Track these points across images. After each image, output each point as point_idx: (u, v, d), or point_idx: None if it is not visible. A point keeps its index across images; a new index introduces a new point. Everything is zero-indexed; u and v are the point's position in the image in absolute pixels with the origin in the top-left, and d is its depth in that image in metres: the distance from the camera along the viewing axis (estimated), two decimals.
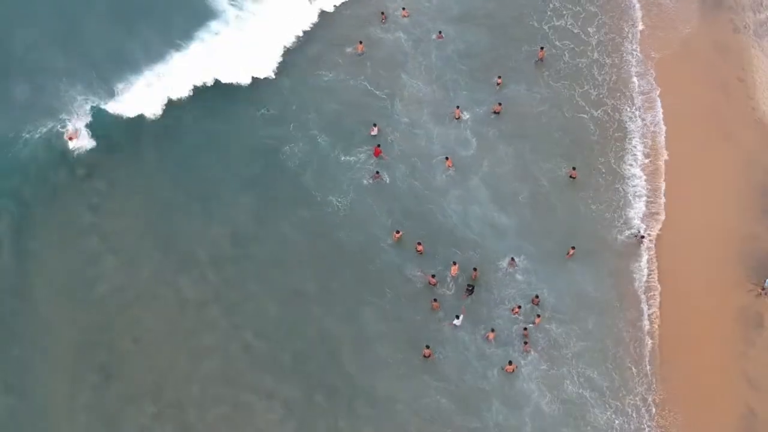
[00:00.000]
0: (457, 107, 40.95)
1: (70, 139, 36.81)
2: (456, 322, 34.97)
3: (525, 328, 35.19)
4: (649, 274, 37.35)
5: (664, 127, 41.49)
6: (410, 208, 38.33)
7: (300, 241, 37.05)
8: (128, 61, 40.52)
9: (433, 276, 35.87)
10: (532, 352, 34.84)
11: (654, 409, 34.08)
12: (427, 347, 34.43)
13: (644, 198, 39.51)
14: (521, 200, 38.84)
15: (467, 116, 40.90)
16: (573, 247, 37.30)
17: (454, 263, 36.32)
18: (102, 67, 40.07)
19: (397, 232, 36.92)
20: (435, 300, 35.45)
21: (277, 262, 36.49)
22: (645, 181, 40.00)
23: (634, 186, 39.72)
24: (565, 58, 43.57)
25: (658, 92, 42.52)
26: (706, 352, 35.15)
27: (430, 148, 40.13)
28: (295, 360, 34.18)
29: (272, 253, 36.72)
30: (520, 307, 35.63)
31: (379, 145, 39.29)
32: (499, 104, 41.06)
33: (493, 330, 34.89)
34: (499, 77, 42.00)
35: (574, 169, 39.50)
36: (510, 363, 34.05)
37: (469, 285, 35.76)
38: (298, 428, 32.81)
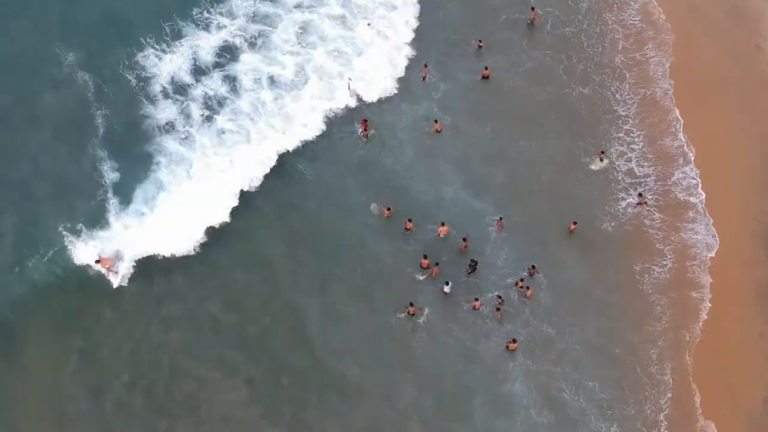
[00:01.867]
0: (425, 65, 38.01)
1: (97, 262, 32.62)
2: (446, 289, 33.40)
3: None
4: (664, 253, 34.17)
5: (673, 99, 37.67)
6: (385, 181, 35.67)
7: (269, 211, 34.76)
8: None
9: (425, 257, 33.78)
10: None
11: (674, 393, 31.42)
12: (411, 305, 32.57)
13: (657, 171, 36.07)
14: (499, 182, 35.70)
15: (443, 87, 37.64)
16: (575, 222, 34.40)
17: (443, 224, 34.20)
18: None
19: (389, 209, 34.71)
20: (437, 263, 33.53)
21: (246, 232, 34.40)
22: (654, 157, 36.37)
23: (646, 164, 36.28)
24: (548, 27, 39.44)
25: (667, 62, 38.53)
26: (724, 332, 32.28)
27: (403, 121, 37.02)
28: (261, 336, 32.14)
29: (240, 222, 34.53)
30: (522, 280, 33.35)
31: (365, 120, 36.65)
32: (486, 68, 37.91)
33: (477, 299, 33.01)
34: (480, 41, 38.66)
35: (602, 152, 36.08)
36: (514, 341, 32.12)
37: (472, 260, 33.77)
38: (264, 413, 30.74)
